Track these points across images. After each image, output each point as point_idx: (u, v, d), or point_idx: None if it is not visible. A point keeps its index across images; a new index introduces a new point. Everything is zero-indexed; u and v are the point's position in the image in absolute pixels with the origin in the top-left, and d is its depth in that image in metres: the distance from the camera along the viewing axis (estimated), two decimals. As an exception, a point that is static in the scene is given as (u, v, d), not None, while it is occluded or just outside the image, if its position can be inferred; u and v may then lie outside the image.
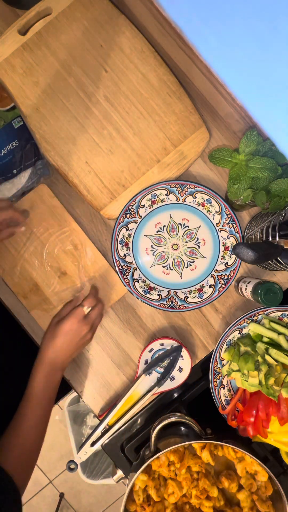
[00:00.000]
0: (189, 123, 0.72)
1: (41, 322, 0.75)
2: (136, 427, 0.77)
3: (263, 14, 0.19)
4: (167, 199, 0.73)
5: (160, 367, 0.74)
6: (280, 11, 0.18)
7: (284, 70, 0.20)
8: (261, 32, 0.19)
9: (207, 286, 0.74)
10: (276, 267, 0.66)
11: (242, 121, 0.75)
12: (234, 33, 0.20)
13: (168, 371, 0.73)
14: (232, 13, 0.20)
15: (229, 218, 0.73)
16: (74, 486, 1.81)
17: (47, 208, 0.74)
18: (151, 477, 0.71)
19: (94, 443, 0.73)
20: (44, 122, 0.72)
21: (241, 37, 0.20)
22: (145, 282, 0.75)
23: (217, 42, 0.21)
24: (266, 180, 0.64)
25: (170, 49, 0.74)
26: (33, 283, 0.75)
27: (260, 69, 0.21)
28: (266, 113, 0.22)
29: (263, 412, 0.69)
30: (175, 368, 0.73)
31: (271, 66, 0.21)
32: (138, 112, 0.72)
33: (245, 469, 0.71)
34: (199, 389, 0.77)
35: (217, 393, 0.73)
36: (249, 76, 0.21)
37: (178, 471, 0.72)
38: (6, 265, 0.74)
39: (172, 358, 0.73)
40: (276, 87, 0.21)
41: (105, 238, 0.77)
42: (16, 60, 0.71)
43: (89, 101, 0.72)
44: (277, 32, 0.19)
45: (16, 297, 0.75)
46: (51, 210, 0.74)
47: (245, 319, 0.72)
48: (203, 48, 0.21)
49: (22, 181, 0.73)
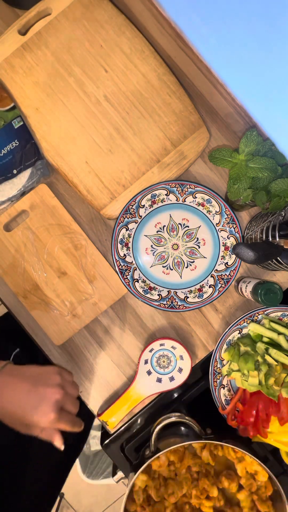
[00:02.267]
0: (189, 123, 0.72)
1: (41, 322, 0.75)
2: (136, 427, 0.77)
3: (262, 14, 0.19)
4: (167, 199, 0.73)
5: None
6: (280, 10, 0.18)
7: (284, 70, 0.20)
8: (260, 32, 0.19)
9: (207, 286, 0.74)
10: (276, 267, 0.66)
11: (242, 121, 0.75)
12: (234, 33, 0.20)
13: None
14: (232, 12, 0.20)
15: (229, 218, 0.73)
16: (74, 486, 1.81)
17: (47, 208, 0.74)
18: (151, 477, 0.71)
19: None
20: (44, 122, 0.72)
21: (241, 36, 0.20)
22: (145, 282, 0.75)
23: (217, 41, 0.21)
24: (266, 180, 0.64)
25: (170, 49, 0.74)
26: (33, 283, 0.75)
27: (260, 69, 0.21)
28: (266, 113, 0.22)
29: (263, 412, 0.69)
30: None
31: (271, 66, 0.21)
32: (138, 112, 0.72)
33: (245, 469, 0.71)
34: (199, 389, 0.77)
35: (217, 393, 0.73)
36: (249, 76, 0.21)
37: (178, 471, 0.72)
38: (6, 265, 0.74)
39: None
40: (276, 87, 0.21)
41: (105, 238, 0.77)
42: (16, 60, 0.71)
43: (89, 101, 0.72)
44: (277, 32, 0.19)
45: (16, 297, 0.75)
46: (51, 210, 0.74)
47: (245, 319, 0.72)
48: (203, 48, 0.21)
49: (22, 181, 0.73)
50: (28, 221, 0.74)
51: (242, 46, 0.21)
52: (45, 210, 0.74)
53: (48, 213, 0.74)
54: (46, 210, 0.74)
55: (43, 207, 0.74)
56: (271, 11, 0.19)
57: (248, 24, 0.20)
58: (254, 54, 0.21)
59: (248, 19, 0.19)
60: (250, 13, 0.19)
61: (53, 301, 0.75)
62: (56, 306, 0.75)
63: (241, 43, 0.21)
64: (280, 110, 0.22)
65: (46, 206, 0.74)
